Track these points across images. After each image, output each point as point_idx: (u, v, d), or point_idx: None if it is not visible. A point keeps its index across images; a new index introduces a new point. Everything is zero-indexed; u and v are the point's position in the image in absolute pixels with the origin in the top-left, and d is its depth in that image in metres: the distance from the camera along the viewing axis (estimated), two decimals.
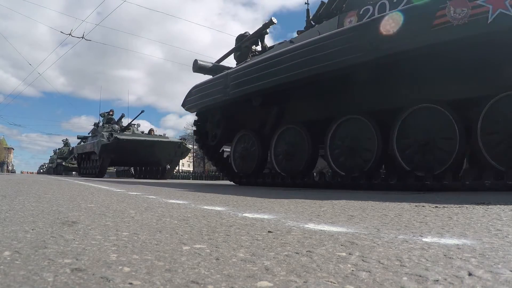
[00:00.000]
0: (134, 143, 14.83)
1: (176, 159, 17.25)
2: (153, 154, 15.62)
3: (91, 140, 17.84)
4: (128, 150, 14.79)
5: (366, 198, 2.68)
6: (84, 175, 18.64)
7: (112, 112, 18.73)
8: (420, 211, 1.75)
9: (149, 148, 15.16)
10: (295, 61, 4.39)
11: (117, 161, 17.01)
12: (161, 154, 15.90)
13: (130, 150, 14.82)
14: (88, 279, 0.57)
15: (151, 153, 15.49)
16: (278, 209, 1.80)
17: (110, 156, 15.34)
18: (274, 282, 0.57)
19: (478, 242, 0.92)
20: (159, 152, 15.70)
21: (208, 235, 1.01)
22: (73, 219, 1.30)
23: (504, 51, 3.24)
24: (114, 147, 14.59)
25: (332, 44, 3.98)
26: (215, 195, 2.91)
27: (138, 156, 15.57)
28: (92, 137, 17.99)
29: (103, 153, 15.10)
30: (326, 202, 2.34)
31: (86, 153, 18.30)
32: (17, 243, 0.84)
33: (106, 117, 18.37)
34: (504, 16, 2.83)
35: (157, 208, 1.77)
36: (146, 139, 15.46)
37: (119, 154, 15.17)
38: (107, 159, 15.54)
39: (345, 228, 1.18)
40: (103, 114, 18.46)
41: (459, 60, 3.49)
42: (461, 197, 2.79)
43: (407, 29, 3.37)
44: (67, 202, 2.00)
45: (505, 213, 1.65)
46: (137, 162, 18.17)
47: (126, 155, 15.45)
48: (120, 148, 14.60)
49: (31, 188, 3.44)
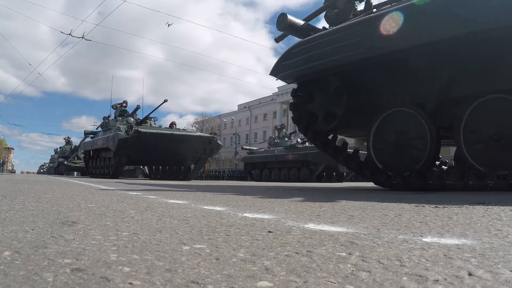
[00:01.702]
0: (158, 138, 12.23)
1: (204, 157, 14.48)
2: (179, 150, 13.07)
3: (103, 134, 15.18)
4: (150, 145, 12.32)
5: (366, 198, 2.68)
6: (93, 175, 16.17)
7: (125, 104, 16.02)
8: (420, 211, 1.75)
9: (175, 143, 12.61)
10: None
11: (135, 158, 14.03)
12: (187, 151, 13.32)
13: (152, 145, 12.33)
14: (88, 279, 0.57)
15: (176, 150, 12.96)
16: (278, 209, 1.80)
17: (128, 153, 12.77)
18: (274, 282, 0.57)
19: (478, 242, 0.92)
20: (185, 148, 13.11)
21: (208, 235, 1.01)
22: (73, 219, 1.30)
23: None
24: (134, 142, 12.04)
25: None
26: (215, 195, 2.91)
27: (161, 153, 13.00)
28: (104, 131, 15.32)
29: (120, 149, 12.48)
30: (326, 202, 2.34)
31: (95, 151, 16.03)
32: (17, 243, 0.84)
33: (119, 109, 15.66)
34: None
35: (157, 208, 1.77)
36: (173, 133, 12.88)
37: (139, 151, 12.61)
38: (124, 156, 12.94)
39: (345, 228, 1.18)
40: (115, 106, 15.84)
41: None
42: (461, 197, 2.79)
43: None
44: (67, 202, 2.00)
45: (505, 213, 1.65)
46: (158, 161, 15.42)
47: (146, 152, 12.91)
48: (141, 143, 12.10)
49: (31, 188, 3.45)
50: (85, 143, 18.00)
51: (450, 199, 2.64)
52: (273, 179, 18.21)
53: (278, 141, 18.95)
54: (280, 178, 17.87)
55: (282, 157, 17.60)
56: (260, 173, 19.34)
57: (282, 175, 17.83)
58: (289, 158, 17.14)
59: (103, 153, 15.03)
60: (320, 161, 15.44)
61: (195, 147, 13.33)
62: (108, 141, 13.54)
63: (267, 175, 18.93)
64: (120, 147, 12.46)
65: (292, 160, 17.07)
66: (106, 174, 14.29)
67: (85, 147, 17.79)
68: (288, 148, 17.75)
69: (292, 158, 17.03)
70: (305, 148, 16.84)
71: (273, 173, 18.54)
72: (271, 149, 18.78)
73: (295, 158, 16.85)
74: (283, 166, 17.81)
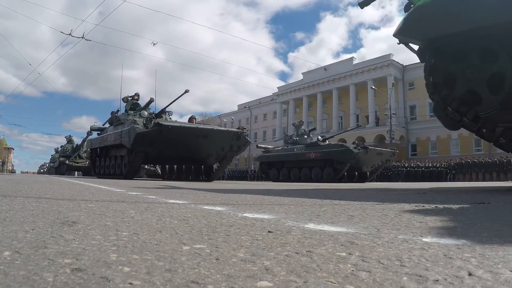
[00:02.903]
0: (181, 132, 10.44)
1: (230, 155, 12.55)
2: (203, 147, 11.39)
3: (114, 130, 13.25)
4: (172, 141, 10.57)
5: (366, 198, 2.68)
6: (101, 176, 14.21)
7: (137, 97, 14.21)
8: (420, 211, 1.75)
9: (200, 139, 10.85)
10: None
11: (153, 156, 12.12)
12: (213, 147, 11.60)
13: (174, 141, 10.59)
14: (88, 279, 0.57)
15: (200, 147, 11.29)
16: (278, 209, 1.80)
17: (146, 150, 11.01)
18: (274, 282, 0.57)
19: (478, 242, 0.92)
20: (211, 145, 11.39)
21: (208, 235, 1.01)
22: (73, 219, 1.30)
23: None
24: (154, 137, 10.33)
25: None
26: (215, 195, 2.91)
27: (182, 150, 11.32)
28: (115, 126, 13.44)
29: (137, 145, 10.75)
30: (326, 202, 2.34)
31: (103, 148, 14.23)
32: (17, 243, 0.84)
33: (130, 102, 13.87)
34: None
35: (157, 208, 1.77)
36: (199, 127, 11.17)
37: (159, 147, 10.91)
38: (141, 153, 11.15)
39: (345, 228, 1.18)
40: (125, 99, 14.09)
41: None
42: (461, 197, 2.79)
43: None
44: (67, 202, 2.00)
45: (505, 213, 1.65)
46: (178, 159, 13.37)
47: (167, 149, 11.17)
48: (162, 139, 10.40)
49: (31, 188, 3.44)
50: (92, 140, 15.96)
51: (450, 199, 2.64)
52: (293, 179, 16.91)
53: (297, 139, 17.49)
54: (300, 178, 16.58)
55: (303, 156, 16.28)
56: (277, 173, 17.95)
57: (303, 175, 16.57)
58: (311, 156, 15.86)
59: (113, 151, 13.31)
60: (346, 160, 14.48)
61: (222, 143, 11.56)
62: (121, 136, 11.65)
63: (285, 175, 17.58)
64: (137, 143, 10.68)
65: (314, 159, 15.79)
66: (117, 174, 12.52)
67: (92, 145, 15.70)
68: (309, 146, 16.48)
69: (314, 157, 15.76)
70: (329, 146, 15.83)
71: (293, 172, 17.20)
72: (290, 147, 17.40)
73: (318, 157, 15.60)
74: (304, 166, 16.52)
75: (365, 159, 15.18)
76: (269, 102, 47.20)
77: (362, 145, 15.34)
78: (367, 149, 14.94)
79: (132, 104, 13.76)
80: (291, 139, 18.16)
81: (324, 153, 15.42)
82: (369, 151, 14.99)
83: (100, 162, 14.85)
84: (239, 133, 11.62)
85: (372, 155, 15.39)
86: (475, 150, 28.68)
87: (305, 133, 17.88)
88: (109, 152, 13.81)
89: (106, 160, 14.05)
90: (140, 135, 10.39)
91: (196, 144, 11.01)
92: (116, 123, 13.53)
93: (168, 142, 10.53)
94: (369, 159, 15.57)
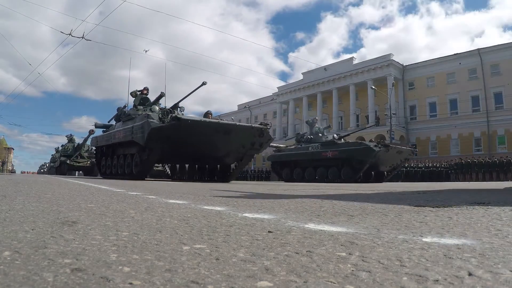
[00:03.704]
0: (202, 127, 9.31)
1: (250, 153, 11.34)
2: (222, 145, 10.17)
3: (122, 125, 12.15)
4: (190, 138, 9.37)
5: (366, 199, 2.68)
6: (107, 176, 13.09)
7: (146, 91, 13.07)
8: (420, 211, 1.75)
9: (220, 135, 9.69)
10: None
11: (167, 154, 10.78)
12: (233, 145, 10.36)
13: (192, 138, 9.39)
14: (88, 279, 0.57)
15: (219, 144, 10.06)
16: (278, 209, 1.80)
17: (162, 146, 9.78)
18: (274, 282, 0.57)
19: (478, 242, 0.92)
20: (231, 142, 10.15)
21: (208, 235, 1.01)
22: (73, 219, 1.30)
23: None
24: (171, 133, 9.15)
25: None
26: (215, 195, 2.91)
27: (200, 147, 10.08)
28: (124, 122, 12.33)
29: (152, 141, 9.58)
30: (326, 202, 2.34)
31: (110, 146, 13.11)
32: (17, 243, 0.84)
33: (139, 97, 12.74)
34: None
35: (157, 208, 1.77)
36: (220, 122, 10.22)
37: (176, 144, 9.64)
38: (156, 150, 9.93)
39: (345, 228, 1.18)
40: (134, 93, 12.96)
41: None
42: (461, 197, 2.79)
43: None
44: (67, 202, 2.00)
45: (505, 213, 1.65)
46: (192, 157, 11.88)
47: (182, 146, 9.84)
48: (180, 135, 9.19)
49: (31, 188, 3.44)
50: (98, 138, 14.71)
51: (450, 199, 2.64)
52: (307, 179, 16.08)
53: (312, 137, 16.66)
54: (315, 178, 15.83)
55: (319, 155, 15.52)
56: (290, 173, 17.13)
57: (319, 174, 15.80)
58: (328, 155, 15.14)
59: (121, 149, 12.20)
60: (366, 159, 13.86)
61: (243, 140, 10.34)
62: (133, 132, 10.43)
63: (299, 175, 16.73)
64: (151, 139, 9.52)
65: (331, 157, 15.05)
66: (126, 174, 11.36)
67: (98, 142, 14.50)
68: (325, 144, 15.72)
69: (331, 156, 15.04)
70: (347, 144, 15.09)
71: (307, 172, 16.37)
72: (304, 146, 16.54)
73: (336, 156, 14.89)
74: (320, 165, 15.74)
75: (385, 157, 14.50)
76: (269, 102, 47.18)
77: (383, 143, 14.63)
78: (388, 147, 14.28)
79: (141, 98, 12.66)
80: (303, 137, 17.44)
81: (342, 152, 14.69)
82: (390, 149, 14.31)
83: (106, 161, 13.78)
84: (262, 129, 10.36)
85: (393, 154, 14.69)
86: (475, 150, 28.67)
87: (320, 131, 17.12)
88: (116, 150, 12.75)
89: (113, 159, 12.95)
90: (155, 130, 9.28)
91: (215, 141, 9.81)
92: (125, 118, 12.43)
93: (185, 138, 9.36)
94: (389, 158, 14.84)
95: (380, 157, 14.19)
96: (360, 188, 5.51)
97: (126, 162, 11.58)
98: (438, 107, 31.77)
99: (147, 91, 13.10)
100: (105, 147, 13.70)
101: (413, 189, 5.01)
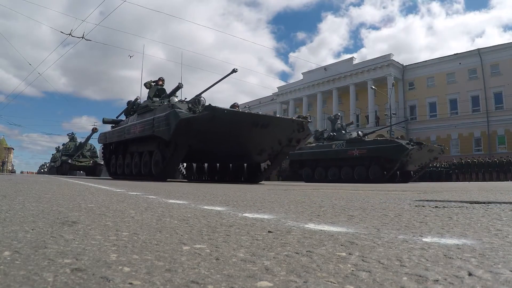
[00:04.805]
0: (238, 120, 7.94)
1: (286, 151, 9.78)
2: (258, 140, 8.74)
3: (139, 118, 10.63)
4: (223, 131, 8.01)
5: (366, 198, 2.68)
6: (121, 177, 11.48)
7: (161, 82, 11.71)
8: (420, 211, 1.75)
9: (257, 130, 8.25)
10: None
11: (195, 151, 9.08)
12: (269, 140, 8.96)
13: (225, 131, 8.04)
14: (88, 279, 0.57)
15: (254, 139, 8.65)
16: (278, 209, 1.80)
17: (190, 142, 8.32)
18: (274, 282, 0.57)
19: (478, 242, 0.92)
20: (267, 137, 8.72)
21: (208, 235, 1.01)
22: (73, 219, 1.30)
23: None
24: (204, 125, 7.72)
25: None
26: (215, 195, 2.91)
27: (231, 143, 8.64)
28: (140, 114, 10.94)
29: (180, 135, 8.13)
30: (326, 202, 2.34)
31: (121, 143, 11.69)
32: (17, 243, 0.84)
33: (154, 88, 11.44)
34: None
35: (157, 208, 1.77)
36: (259, 114, 9.01)
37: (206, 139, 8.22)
38: (183, 146, 8.43)
39: (345, 228, 1.18)
40: (148, 84, 11.65)
41: None
42: (461, 197, 2.79)
43: None
44: (67, 202, 2.00)
45: (505, 213, 1.65)
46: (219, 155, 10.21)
47: (213, 141, 8.43)
48: (214, 127, 7.78)
49: (31, 188, 3.44)
50: (107, 134, 13.07)
51: (450, 199, 2.64)
52: (331, 179, 15.07)
53: (335, 134, 15.70)
54: (340, 178, 14.87)
55: (344, 153, 14.53)
56: (311, 173, 16.08)
57: (344, 174, 14.87)
58: (355, 154, 14.18)
59: (135, 146, 10.86)
60: (397, 157, 13.04)
61: (280, 135, 8.94)
62: (154, 125, 8.92)
63: (321, 175, 15.69)
64: (179, 133, 8.06)
65: (358, 156, 14.11)
66: (142, 175, 9.99)
67: (107, 139, 12.86)
68: (351, 142, 14.75)
69: (358, 154, 14.08)
70: (376, 142, 14.26)
71: (331, 172, 15.41)
72: (327, 144, 15.46)
73: (363, 154, 13.94)
74: (345, 164, 14.81)
75: (416, 156, 13.78)
76: (269, 102, 47.18)
77: (415, 141, 14.02)
78: (421, 145, 13.64)
79: (157, 90, 11.37)
80: (322, 134, 16.51)
81: (371, 150, 13.71)
82: (423, 147, 13.67)
83: (117, 160, 12.24)
84: (303, 122, 8.93)
85: (424, 152, 14.01)
86: (475, 150, 28.69)
87: (342, 128, 16.10)
88: (129, 147, 11.37)
89: (125, 158, 11.49)
90: (185, 121, 7.83)
91: (251, 135, 8.41)
92: (141, 110, 11.07)
93: (217, 132, 7.98)
94: (420, 157, 14.13)
95: (411, 156, 13.48)
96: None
97: (143, 160, 10.11)
98: (438, 107, 31.80)
99: (163, 81, 11.76)
100: (115, 144, 12.41)
101: (415, 189, 5.01)
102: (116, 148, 12.60)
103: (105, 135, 13.23)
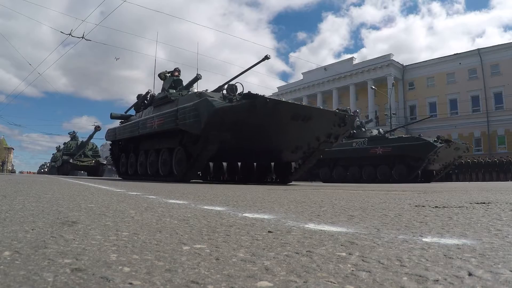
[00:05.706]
0: (280, 111, 6.86)
1: (322, 148, 8.56)
2: (296, 135, 7.66)
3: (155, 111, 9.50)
4: (261, 124, 6.89)
5: (366, 198, 2.68)
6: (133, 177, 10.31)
7: (177, 73, 10.57)
8: (420, 211, 1.74)
9: (298, 123, 7.21)
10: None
11: (228, 148, 7.67)
12: (307, 136, 7.86)
13: (263, 124, 6.92)
14: (88, 279, 0.57)
15: (291, 134, 7.57)
16: (278, 209, 1.80)
17: (223, 136, 6.97)
18: (274, 282, 0.57)
19: (478, 242, 0.92)
20: (306, 132, 7.67)
21: (208, 235, 1.01)
22: (73, 219, 1.30)
23: None
24: (240, 116, 6.54)
25: None
26: (215, 195, 2.91)
27: (266, 138, 7.50)
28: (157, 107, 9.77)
29: (213, 128, 6.81)
30: (326, 202, 2.34)
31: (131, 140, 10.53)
32: (17, 243, 0.84)
33: (170, 79, 10.32)
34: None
35: (157, 208, 1.77)
36: (301, 104, 8.09)
37: (241, 133, 6.99)
38: (214, 141, 7.09)
39: (345, 228, 1.18)
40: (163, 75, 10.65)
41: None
42: (461, 197, 2.79)
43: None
44: (67, 202, 2.00)
45: (505, 213, 1.65)
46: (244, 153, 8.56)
47: (248, 136, 7.18)
48: (251, 119, 6.64)
49: (31, 188, 3.44)
50: (116, 130, 11.66)
51: (450, 199, 2.64)
52: (351, 179, 14.29)
53: (355, 132, 14.55)
54: (361, 178, 14.14)
55: (367, 152, 13.72)
56: (329, 172, 15.23)
57: (365, 174, 14.14)
58: (378, 152, 13.41)
59: (148, 143, 9.60)
60: (424, 156, 12.36)
61: (319, 131, 7.81)
62: (177, 117, 7.63)
63: (340, 175, 14.83)
64: (212, 126, 6.74)
65: (381, 155, 13.36)
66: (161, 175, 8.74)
67: (116, 135, 11.46)
68: (373, 140, 13.92)
69: (382, 153, 13.33)
70: (402, 139, 13.51)
71: (351, 171, 14.62)
72: (346, 142, 14.09)
73: (387, 153, 13.18)
74: (366, 163, 14.04)
75: (443, 154, 13.16)
76: None
77: (444, 138, 13.40)
78: (450, 142, 13.09)
79: (173, 81, 10.21)
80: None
81: (396, 148, 12.97)
82: (451, 145, 13.11)
83: (128, 158, 10.92)
84: (345, 115, 7.95)
85: (451, 150, 13.43)
86: (475, 150, 28.68)
87: (362, 125, 15.17)
88: (141, 144, 10.11)
89: (138, 156, 10.26)
90: (220, 111, 6.46)
91: (289, 130, 7.34)
92: (158, 102, 9.81)
93: (254, 125, 6.81)
94: (446, 155, 13.51)
95: (439, 154, 12.88)
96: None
97: (162, 159, 8.80)
98: (438, 107, 31.80)
99: (179, 72, 10.59)
100: (125, 141, 11.14)
101: (415, 189, 5.01)
102: (126, 145, 11.32)
103: (114, 131, 11.74)
